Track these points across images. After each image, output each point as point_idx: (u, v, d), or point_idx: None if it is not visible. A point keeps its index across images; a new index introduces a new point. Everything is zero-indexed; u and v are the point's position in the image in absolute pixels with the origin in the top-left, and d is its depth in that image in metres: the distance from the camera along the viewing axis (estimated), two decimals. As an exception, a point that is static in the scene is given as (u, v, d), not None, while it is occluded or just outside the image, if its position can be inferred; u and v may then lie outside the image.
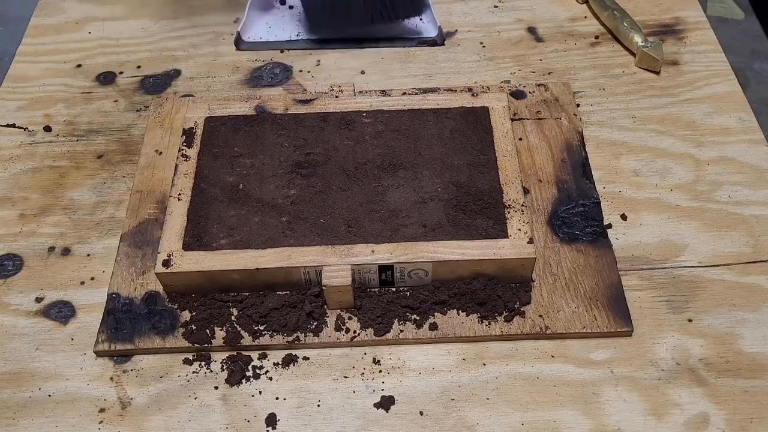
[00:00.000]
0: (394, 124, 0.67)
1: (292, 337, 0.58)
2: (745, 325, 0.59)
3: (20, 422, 0.55)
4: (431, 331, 0.58)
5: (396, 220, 0.60)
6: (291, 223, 0.60)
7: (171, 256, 0.58)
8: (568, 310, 0.59)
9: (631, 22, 0.79)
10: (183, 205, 0.61)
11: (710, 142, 0.71)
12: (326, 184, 0.63)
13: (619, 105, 0.74)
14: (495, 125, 0.66)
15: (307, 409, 0.55)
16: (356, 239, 0.59)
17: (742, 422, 0.54)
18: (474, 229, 0.59)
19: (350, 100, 0.69)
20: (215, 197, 0.62)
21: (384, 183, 0.63)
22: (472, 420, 0.54)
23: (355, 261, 0.57)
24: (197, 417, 0.55)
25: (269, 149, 0.65)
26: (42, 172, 0.71)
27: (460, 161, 0.64)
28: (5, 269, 0.64)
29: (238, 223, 0.60)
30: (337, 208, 0.61)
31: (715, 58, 0.78)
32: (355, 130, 0.67)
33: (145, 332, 0.58)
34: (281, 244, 0.59)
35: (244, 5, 0.85)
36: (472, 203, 0.61)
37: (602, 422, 0.54)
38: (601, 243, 0.62)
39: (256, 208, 0.61)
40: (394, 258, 0.57)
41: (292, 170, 0.64)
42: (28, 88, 0.79)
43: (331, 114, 0.68)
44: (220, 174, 0.64)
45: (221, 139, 0.66)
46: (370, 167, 0.64)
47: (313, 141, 0.66)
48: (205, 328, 0.58)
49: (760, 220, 0.65)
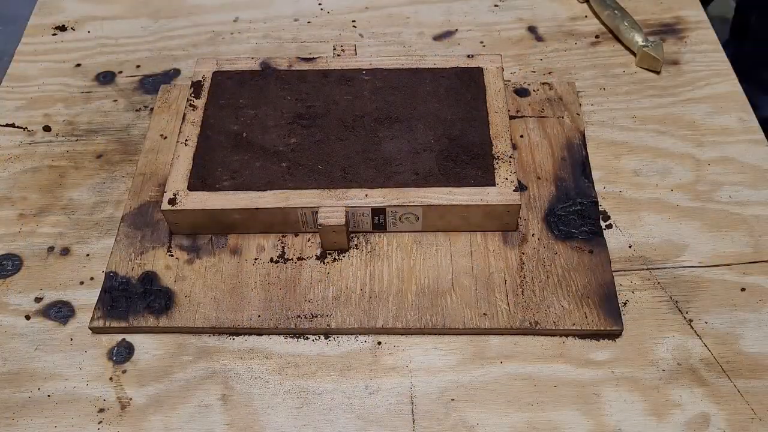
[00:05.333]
0: (392, 81, 0.70)
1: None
2: (746, 325, 0.59)
3: (19, 422, 0.55)
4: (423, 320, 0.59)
5: (390, 167, 0.63)
6: (290, 168, 0.63)
7: (177, 195, 0.62)
8: (559, 307, 0.59)
9: (632, 22, 0.79)
10: (189, 150, 0.65)
11: (711, 142, 0.71)
12: (325, 134, 0.66)
13: (620, 105, 0.74)
14: (488, 84, 0.70)
15: (307, 409, 0.55)
16: (351, 184, 0.62)
17: (742, 422, 0.54)
18: (463, 178, 0.62)
19: (351, 59, 0.72)
20: (220, 143, 0.65)
21: (380, 134, 0.66)
22: (472, 420, 0.54)
23: (349, 203, 0.61)
24: (197, 417, 0.55)
25: (272, 101, 0.69)
26: (41, 172, 0.71)
27: (453, 116, 0.67)
28: (4, 269, 0.64)
29: (241, 167, 0.64)
30: (335, 155, 0.64)
31: (715, 57, 0.78)
32: (355, 86, 0.70)
33: (140, 311, 0.60)
34: (280, 186, 0.62)
35: (245, 5, 0.85)
36: (462, 154, 0.64)
37: (602, 422, 0.54)
38: (596, 242, 0.63)
39: (258, 154, 0.64)
40: (386, 201, 0.61)
41: (293, 121, 0.67)
42: (28, 87, 0.78)
43: (332, 71, 0.71)
44: (225, 123, 0.67)
45: (227, 92, 0.70)
46: (368, 119, 0.67)
47: (314, 95, 0.69)
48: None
49: (761, 220, 0.65)
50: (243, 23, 0.84)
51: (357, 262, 0.62)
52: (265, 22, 0.84)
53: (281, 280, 0.61)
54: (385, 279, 0.61)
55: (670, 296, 0.60)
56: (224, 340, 0.59)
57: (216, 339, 0.59)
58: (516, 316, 0.58)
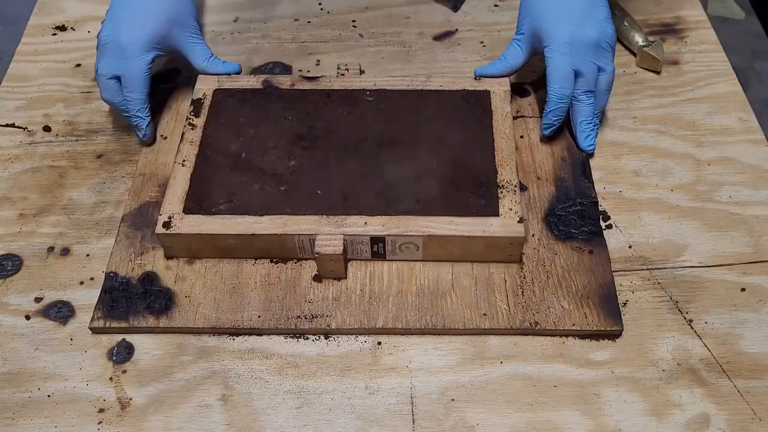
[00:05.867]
0: (396, 103, 0.69)
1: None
2: (746, 326, 0.59)
3: (19, 422, 0.55)
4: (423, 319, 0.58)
5: (391, 193, 0.62)
6: (288, 192, 0.62)
7: (171, 218, 0.60)
8: (559, 307, 0.59)
9: (632, 22, 0.79)
10: (186, 171, 0.64)
11: (711, 142, 0.71)
12: (325, 157, 0.65)
13: (620, 105, 0.74)
14: (495, 108, 0.68)
15: (307, 410, 0.55)
16: (351, 210, 0.61)
17: (742, 423, 0.54)
18: (466, 207, 0.61)
19: (355, 79, 0.71)
20: (218, 164, 0.64)
21: (382, 158, 0.64)
22: (472, 420, 0.54)
23: (347, 231, 0.59)
24: (197, 417, 0.55)
25: (273, 121, 0.68)
26: (41, 172, 0.71)
27: (457, 141, 0.65)
28: (4, 269, 0.64)
29: (238, 190, 0.62)
30: (334, 179, 0.63)
31: (715, 57, 0.78)
32: (358, 107, 0.69)
33: (140, 311, 0.60)
34: (278, 211, 0.61)
35: (245, 5, 0.84)
36: (466, 181, 0.62)
37: (602, 422, 0.54)
38: (596, 242, 0.62)
39: (256, 176, 0.63)
40: (386, 230, 0.59)
41: (294, 142, 0.66)
42: (28, 87, 0.78)
43: (335, 91, 0.70)
44: (224, 142, 0.66)
45: (228, 110, 0.69)
46: (370, 143, 0.66)
47: (316, 115, 0.68)
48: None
49: (761, 221, 0.65)
50: (243, 23, 0.84)
51: (357, 262, 0.62)
52: (265, 22, 0.84)
53: (281, 280, 0.61)
54: (385, 279, 0.61)
55: (670, 296, 0.60)
56: (224, 340, 0.59)
57: (216, 339, 0.59)
58: (516, 317, 0.58)
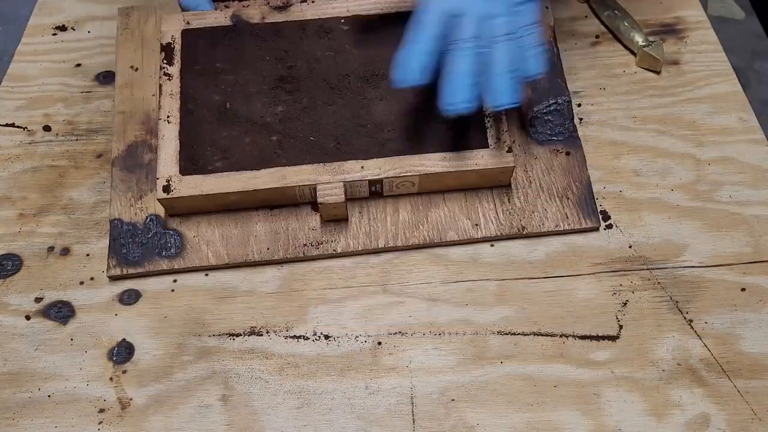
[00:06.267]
0: (374, 30, 0.67)
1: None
2: (746, 326, 0.59)
3: (20, 422, 0.55)
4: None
5: (382, 134, 0.63)
6: (282, 142, 0.62)
7: (170, 182, 0.61)
8: (542, 210, 0.63)
9: (632, 22, 0.79)
10: (173, 128, 0.63)
11: (711, 142, 0.71)
12: (312, 100, 0.64)
13: (620, 105, 0.74)
14: None
15: (307, 410, 0.55)
16: (346, 155, 0.62)
17: (742, 423, 0.54)
18: (456, 140, 0.62)
19: (327, 5, 0.69)
20: (204, 118, 0.64)
21: (368, 95, 0.65)
22: (472, 420, 0.54)
23: (346, 178, 0.61)
24: (197, 417, 0.55)
25: (251, 64, 0.66)
26: (41, 171, 0.71)
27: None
28: (4, 269, 0.64)
29: (231, 145, 0.62)
30: (325, 124, 0.63)
31: (715, 57, 0.78)
32: (335, 39, 0.67)
33: (153, 256, 0.61)
34: (274, 163, 0.62)
35: (244, 4, 0.84)
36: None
37: (602, 423, 0.54)
38: (571, 142, 0.66)
39: (246, 128, 0.63)
40: (382, 173, 0.61)
41: (277, 85, 0.65)
42: (27, 87, 0.78)
43: (309, 21, 0.68)
44: (205, 93, 0.65)
45: (201, 55, 0.67)
46: (353, 78, 0.65)
47: (293, 53, 0.67)
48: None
49: (761, 220, 0.65)
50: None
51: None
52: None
53: (283, 211, 0.63)
54: (380, 204, 0.64)
55: (670, 296, 0.60)
56: (224, 340, 0.59)
57: (216, 339, 0.59)
58: (505, 224, 0.62)
